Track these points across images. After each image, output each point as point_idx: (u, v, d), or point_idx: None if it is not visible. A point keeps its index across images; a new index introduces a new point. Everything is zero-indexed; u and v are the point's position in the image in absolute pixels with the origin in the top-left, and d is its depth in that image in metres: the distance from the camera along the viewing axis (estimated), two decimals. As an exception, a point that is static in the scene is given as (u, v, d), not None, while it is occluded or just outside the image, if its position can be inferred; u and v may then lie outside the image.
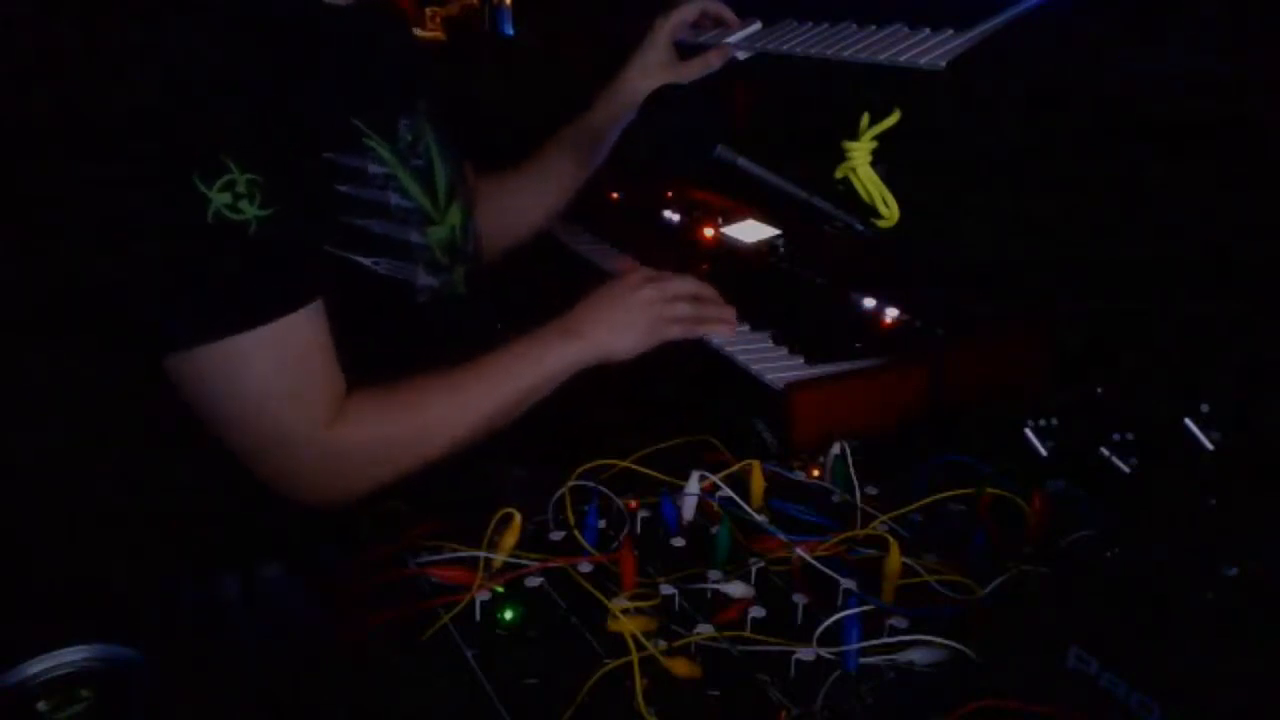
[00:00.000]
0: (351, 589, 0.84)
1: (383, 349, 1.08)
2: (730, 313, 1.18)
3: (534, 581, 0.84)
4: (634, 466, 0.98)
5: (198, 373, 0.95)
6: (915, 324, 1.22)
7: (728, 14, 1.41)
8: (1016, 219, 1.25)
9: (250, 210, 0.91)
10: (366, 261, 1.07)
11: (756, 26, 1.39)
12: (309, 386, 0.98)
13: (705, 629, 0.78)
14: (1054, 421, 1.01)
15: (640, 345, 1.12)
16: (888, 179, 1.16)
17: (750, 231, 1.57)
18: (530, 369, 1.08)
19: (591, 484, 0.94)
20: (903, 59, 1.08)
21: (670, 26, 1.40)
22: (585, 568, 0.86)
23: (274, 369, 0.95)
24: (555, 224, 1.56)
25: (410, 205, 1.13)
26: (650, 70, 1.40)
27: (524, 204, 1.47)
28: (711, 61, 1.38)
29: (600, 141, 1.43)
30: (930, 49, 1.07)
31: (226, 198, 0.90)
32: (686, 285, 1.16)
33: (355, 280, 1.05)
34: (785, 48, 1.28)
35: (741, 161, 1.21)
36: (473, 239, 1.27)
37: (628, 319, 1.12)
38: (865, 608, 0.76)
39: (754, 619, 0.79)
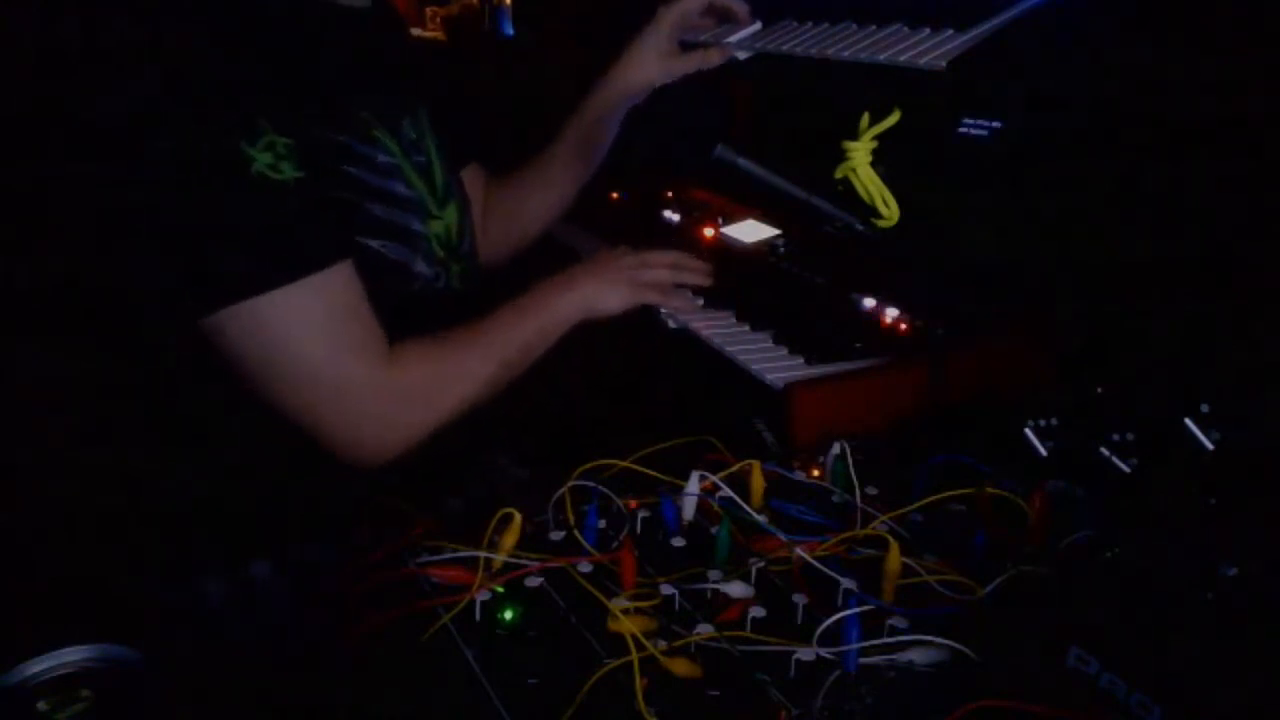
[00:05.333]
0: (351, 589, 0.84)
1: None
2: (707, 267, 1.29)
3: (534, 581, 0.84)
4: (634, 466, 0.98)
5: (256, 328, 0.99)
6: (915, 324, 1.22)
7: (737, 7, 1.40)
8: (1016, 219, 1.25)
9: (289, 171, 0.97)
10: (374, 244, 1.12)
11: (756, 26, 1.39)
12: (363, 332, 1.04)
13: (705, 629, 0.78)
14: (1054, 421, 1.01)
15: (622, 303, 1.21)
16: (888, 179, 1.16)
17: (750, 231, 1.57)
18: (535, 319, 1.17)
19: (591, 484, 0.94)
20: (903, 59, 1.08)
21: (674, 17, 1.40)
22: (585, 568, 0.86)
23: (330, 315, 1.01)
24: (555, 224, 1.56)
25: (413, 195, 1.18)
26: (648, 59, 1.40)
27: (534, 201, 1.49)
28: (710, 58, 1.38)
29: (600, 130, 1.44)
30: (930, 49, 1.07)
31: (268, 157, 0.96)
32: (666, 256, 1.27)
33: (362, 261, 1.08)
34: (785, 48, 1.28)
35: (741, 161, 1.21)
36: (468, 240, 1.30)
37: (612, 279, 1.22)
38: (865, 608, 0.76)
39: (754, 619, 0.79)
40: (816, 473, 1.01)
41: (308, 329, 1.00)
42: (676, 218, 1.74)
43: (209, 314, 0.98)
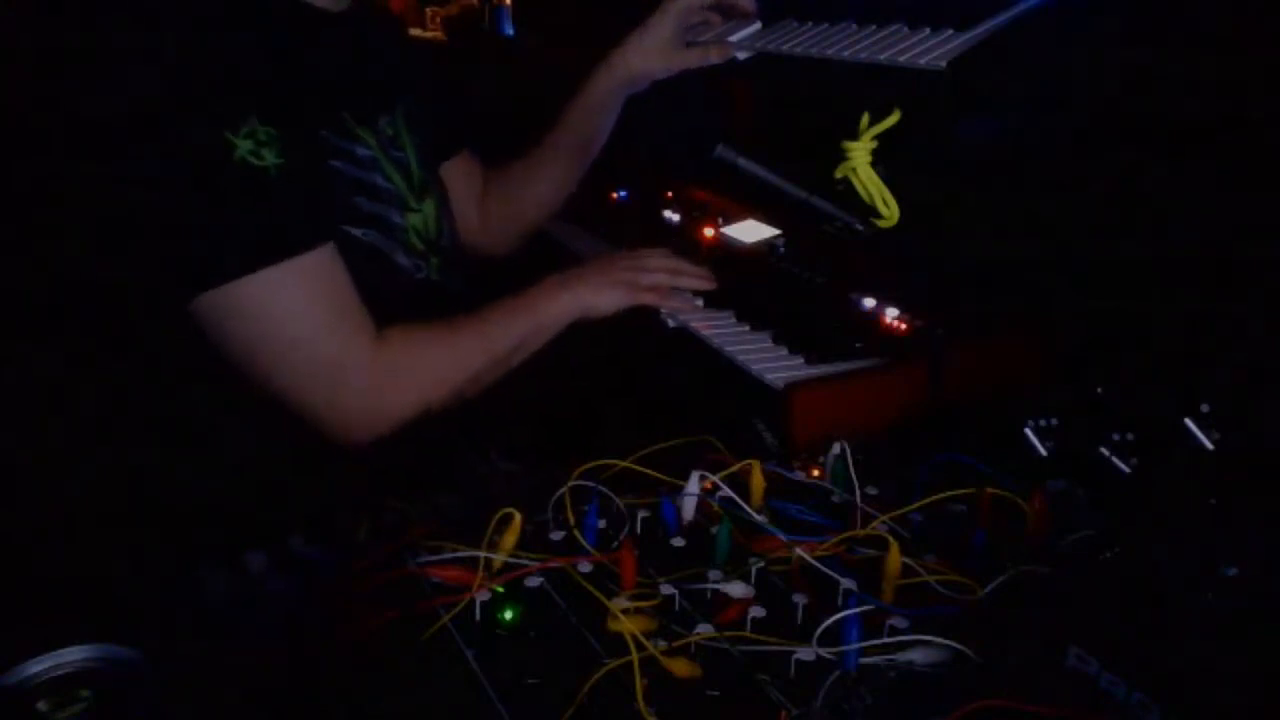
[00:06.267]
0: (351, 589, 0.84)
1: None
2: (705, 273, 1.31)
3: (534, 581, 0.84)
4: (634, 466, 0.98)
5: (241, 310, 1.02)
6: (915, 324, 1.22)
7: (742, 2, 1.40)
8: (1016, 219, 1.25)
9: (270, 158, 1.00)
10: (356, 232, 1.15)
11: (756, 26, 1.39)
12: (350, 312, 1.07)
13: (705, 629, 0.78)
14: (1054, 421, 1.01)
15: (617, 303, 1.24)
16: (888, 179, 1.16)
17: (750, 231, 1.57)
18: (528, 316, 1.19)
19: (591, 484, 0.94)
20: (903, 59, 1.08)
21: (679, 8, 1.40)
22: (585, 568, 0.86)
23: (313, 296, 1.04)
24: (556, 213, 1.57)
25: (392, 189, 1.22)
26: (649, 50, 1.41)
27: (533, 189, 1.51)
28: (711, 55, 1.38)
29: (599, 118, 1.45)
30: (930, 49, 1.07)
31: (249, 144, 0.99)
32: (665, 261, 1.30)
33: (346, 248, 1.10)
34: (785, 48, 1.28)
35: (742, 161, 1.22)
36: (446, 233, 1.33)
37: (608, 280, 1.25)
38: (865, 608, 0.76)
39: (754, 619, 0.79)
40: (816, 473, 1.01)
41: (291, 309, 1.03)
42: (676, 218, 1.74)
43: (196, 297, 1.01)
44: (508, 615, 0.79)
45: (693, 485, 0.94)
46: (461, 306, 1.21)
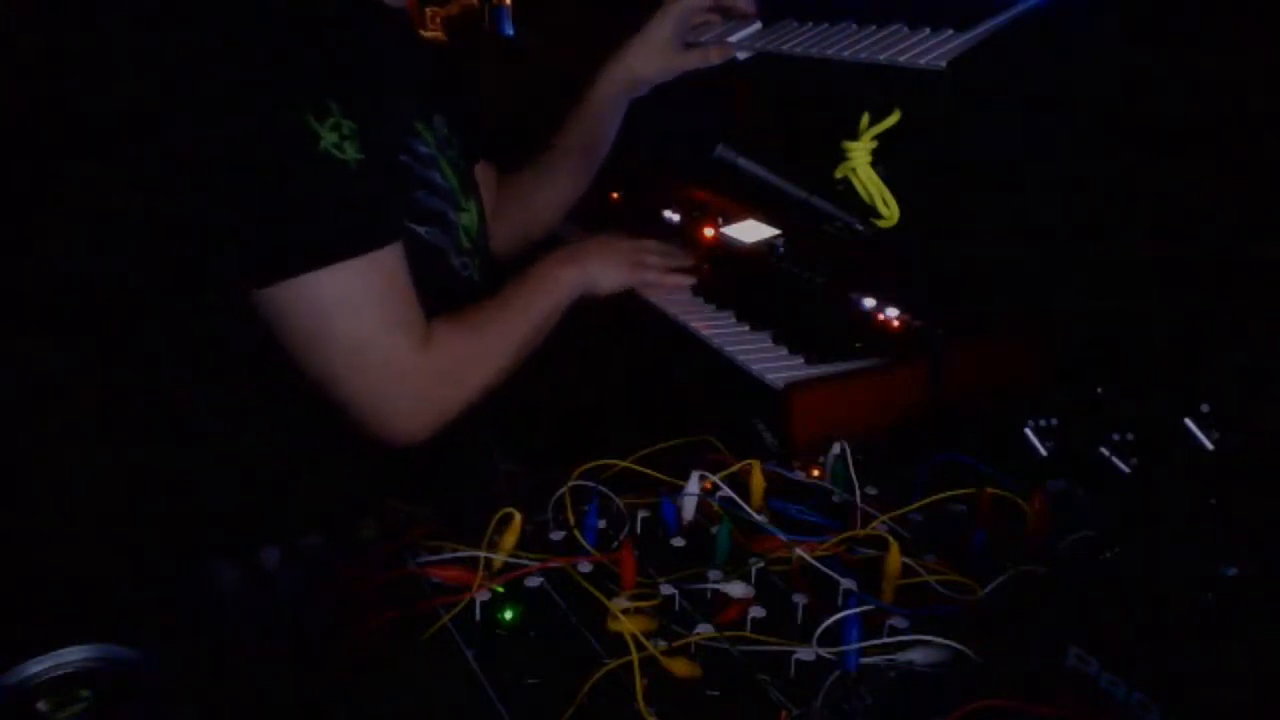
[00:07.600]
0: (351, 589, 0.84)
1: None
2: (689, 262, 1.39)
3: (534, 581, 0.84)
4: (634, 466, 0.98)
5: (310, 301, 1.01)
6: (915, 324, 1.22)
7: (741, 3, 1.40)
8: (1016, 219, 1.25)
9: (351, 152, 1.00)
10: (420, 229, 1.16)
11: (756, 26, 1.39)
12: (409, 311, 1.07)
13: (705, 629, 0.78)
14: (1054, 421, 1.01)
15: (620, 281, 1.28)
16: (888, 179, 1.16)
17: (750, 231, 1.57)
18: (543, 294, 1.21)
19: (591, 484, 0.94)
20: (903, 59, 1.08)
21: (678, 12, 1.40)
22: (585, 568, 0.86)
23: (381, 292, 1.04)
24: (562, 220, 1.58)
25: (448, 187, 1.22)
26: (650, 52, 1.41)
27: (540, 196, 1.53)
28: (711, 56, 1.38)
29: (603, 124, 1.46)
30: (930, 49, 1.07)
31: (334, 136, 0.99)
32: (660, 245, 1.36)
33: (409, 244, 1.10)
34: (785, 48, 1.28)
35: (742, 161, 1.22)
36: (484, 235, 1.33)
37: (613, 259, 1.29)
38: (865, 608, 0.76)
39: (754, 619, 0.79)
40: (816, 473, 1.01)
41: (360, 305, 1.02)
42: (676, 218, 1.74)
43: (267, 286, 1.00)
44: (508, 615, 0.79)
45: (693, 485, 0.94)
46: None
